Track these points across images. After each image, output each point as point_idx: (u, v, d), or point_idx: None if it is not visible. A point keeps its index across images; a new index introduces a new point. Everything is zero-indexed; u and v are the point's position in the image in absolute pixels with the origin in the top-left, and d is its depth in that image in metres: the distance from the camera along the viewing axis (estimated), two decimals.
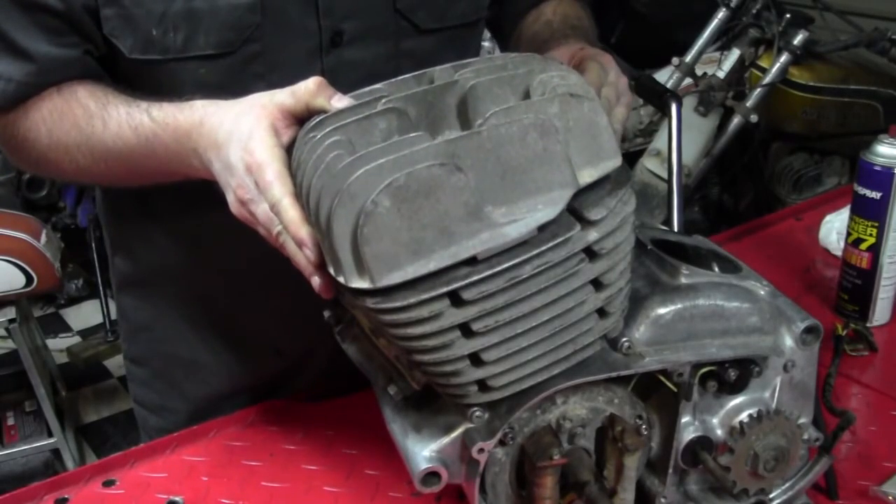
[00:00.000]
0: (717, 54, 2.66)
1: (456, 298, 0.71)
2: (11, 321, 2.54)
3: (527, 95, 0.79)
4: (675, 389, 0.83)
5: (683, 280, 0.83)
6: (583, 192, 0.75)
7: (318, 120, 0.82)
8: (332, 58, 1.04)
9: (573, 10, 1.22)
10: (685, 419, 0.85)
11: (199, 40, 0.98)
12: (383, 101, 0.80)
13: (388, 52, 1.07)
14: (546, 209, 0.72)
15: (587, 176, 0.74)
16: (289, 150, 0.83)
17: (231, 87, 0.98)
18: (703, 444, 0.86)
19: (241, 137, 0.82)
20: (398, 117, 0.80)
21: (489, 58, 0.86)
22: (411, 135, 0.74)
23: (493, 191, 0.71)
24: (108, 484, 1.05)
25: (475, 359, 0.75)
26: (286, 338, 1.19)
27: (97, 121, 0.96)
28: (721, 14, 2.60)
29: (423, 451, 0.80)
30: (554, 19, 1.20)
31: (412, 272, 0.69)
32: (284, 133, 0.83)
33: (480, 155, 0.71)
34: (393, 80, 0.86)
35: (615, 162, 0.76)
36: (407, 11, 1.06)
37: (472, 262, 0.71)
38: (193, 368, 1.22)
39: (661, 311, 0.82)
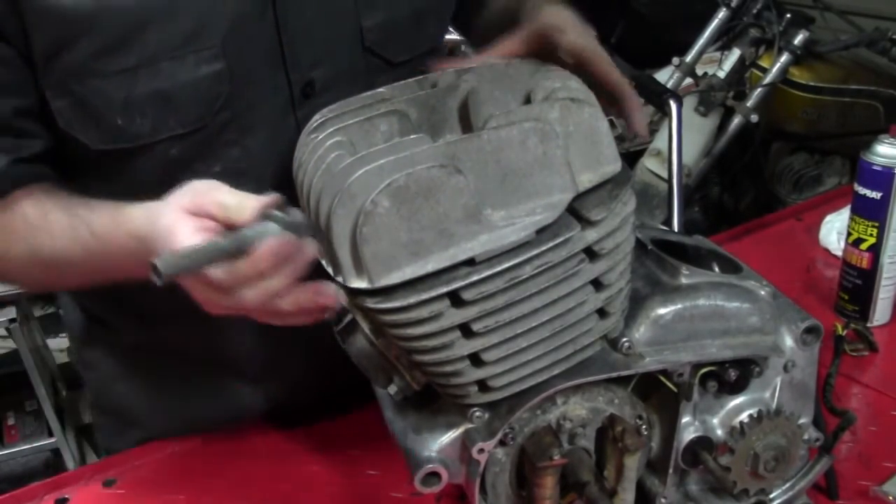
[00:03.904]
0: (718, 54, 2.66)
1: (456, 299, 0.71)
2: (12, 321, 2.54)
3: (528, 100, 0.80)
4: (676, 389, 0.84)
5: (683, 280, 0.83)
6: (583, 193, 0.75)
7: (320, 121, 0.82)
8: (304, 109, 0.97)
9: None
10: (685, 419, 0.85)
11: (170, 121, 0.92)
12: (385, 103, 0.81)
13: (362, 93, 1.01)
14: (545, 213, 0.72)
15: (586, 181, 0.74)
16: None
17: (204, 158, 0.95)
18: (704, 444, 0.86)
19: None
20: (399, 119, 0.80)
21: (491, 62, 0.86)
22: (412, 136, 0.74)
23: (493, 193, 0.71)
24: (108, 484, 1.05)
25: (475, 359, 0.75)
26: (277, 375, 1.12)
27: (44, 235, 0.90)
28: (721, 14, 2.60)
29: (423, 452, 0.80)
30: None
31: (410, 273, 0.69)
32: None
33: (480, 157, 0.71)
34: (395, 83, 0.86)
35: (615, 168, 0.76)
36: (377, 48, 1.01)
37: (470, 262, 0.71)
38: (175, 412, 1.15)
39: (662, 311, 0.82)
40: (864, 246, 1.26)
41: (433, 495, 0.98)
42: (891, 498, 0.98)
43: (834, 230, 1.49)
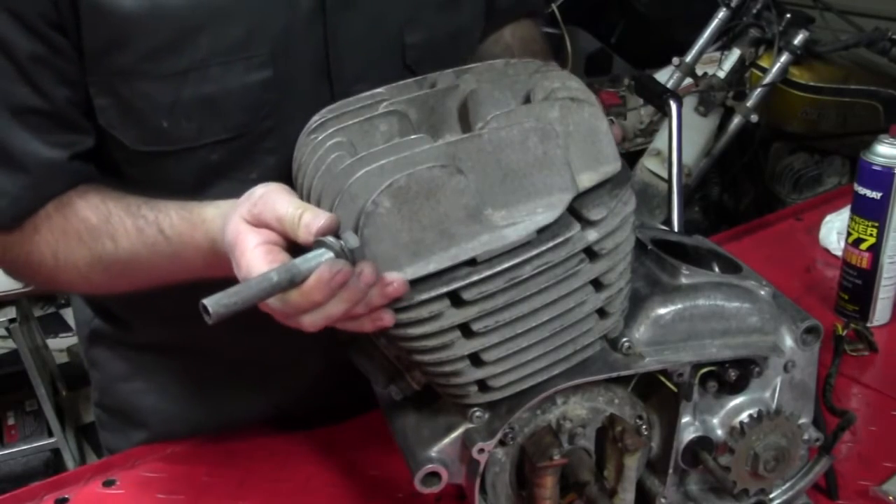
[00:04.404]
0: (718, 54, 2.66)
1: (456, 299, 0.71)
2: (12, 321, 2.54)
3: (528, 100, 0.80)
4: (676, 389, 0.84)
5: (683, 280, 0.84)
6: (583, 193, 0.75)
7: (319, 122, 0.82)
8: None
9: (530, 31, 1.20)
10: (685, 419, 0.85)
11: (216, 126, 0.92)
12: (384, 104, 0.81)
13: None
14: (545, 213, 0.72)
15: (586, 180, 0.74)
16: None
17: (242, 165, 0.95)
18: (704, 444, 0.86)
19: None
20: (399, 120, 0.80)
21: (490, 63, 0.86)
22: (412, 136, 0.74)
23: (493, 193, 0.71)
24: (108, 484, 1.05)
25: (475, 359, 0.75)
26: (290, 379, 1.11)
27: (105, 239, 0.90)
28: (721, 14, 2.60)
29: (423, 451, 0.80)
30: (513, 44, 1.18)
31: (411, 273, 0.69)
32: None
33: (481, 158, 0.71)
34: (394, 84, 0.86)
35: (615, 167, 0.77)
36: (416, 65, 1.02)
37: (471, 263, 0.71)
38: (181, 414, 1.14)
39: (662, 311, 0.82)
40: (864, 246, 1.26)
41: (433, 495, 0.98)
42: (891, 498, 0.98)
43: (834, 230, 1.49)
